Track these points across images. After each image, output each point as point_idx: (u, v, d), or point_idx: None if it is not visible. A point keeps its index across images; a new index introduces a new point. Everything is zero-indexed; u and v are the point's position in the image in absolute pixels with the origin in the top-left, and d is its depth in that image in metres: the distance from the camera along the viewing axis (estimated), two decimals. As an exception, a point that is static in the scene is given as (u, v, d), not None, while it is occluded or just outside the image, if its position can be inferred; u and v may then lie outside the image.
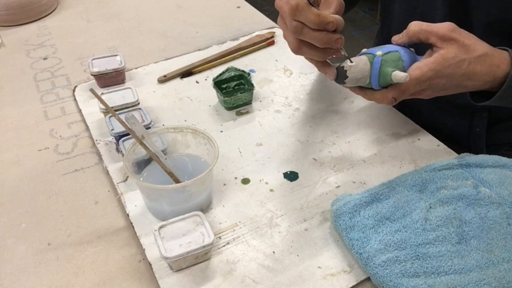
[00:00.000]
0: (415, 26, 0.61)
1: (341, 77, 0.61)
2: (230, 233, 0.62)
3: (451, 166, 0.66)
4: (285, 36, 0.63)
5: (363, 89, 0.64)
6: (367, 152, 0.74)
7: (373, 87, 0.62)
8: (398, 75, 0.59)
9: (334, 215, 0.61)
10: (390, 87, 0.61)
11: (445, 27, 0.59)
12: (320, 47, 0.59)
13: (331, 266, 0.58)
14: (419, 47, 0.63)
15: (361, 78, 0.61)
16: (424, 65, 0.59)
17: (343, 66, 0.61)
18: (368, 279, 0.57)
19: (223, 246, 0.61)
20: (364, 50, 0.63)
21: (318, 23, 0.56)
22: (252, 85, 0.82)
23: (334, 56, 0.62)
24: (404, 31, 0.62)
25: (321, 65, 0.63)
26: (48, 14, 1.14)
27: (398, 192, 0.63)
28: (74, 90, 0.88)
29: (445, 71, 0.59)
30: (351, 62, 0.60)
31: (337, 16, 0.57)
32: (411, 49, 0.63)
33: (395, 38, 0.63)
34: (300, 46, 0.61)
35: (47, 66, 0.96)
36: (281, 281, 0.57)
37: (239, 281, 0.57)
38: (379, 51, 0.61)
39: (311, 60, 0.65)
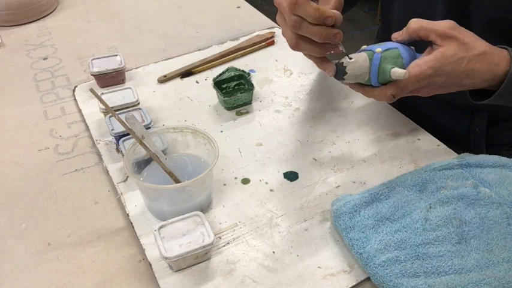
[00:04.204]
0: (415, 24, 0.61)
1: (340, 73, 0.61)
2: (230, 233, 0.62)
3: (451, 166, 0.66)
4: (283, 33, 0.63)
5: (362, 86, 0.63)
6: (367, 152, 0.74)
7: (372, 84, 0.62)
8: (397, 72, 0.59)
9: (334, 215, 0.61)
10: (389, 84, 0.61)
11: (445, 25, 0.59)
12: (319, 42, 0.59)
13: (331, 266, 0.58)
14: (420, 45, 0.63)
15: (360, 74, 0.61)
16: (423, 62, 0.59)
17: (342, 63, 0.61)
18: (368, 279, 0.57)
19: (223, 246, 0.61)
20: (363, 47, 0.63)
21: (317, 17, 0.56)
22: (252, 85, 0.82)
23: (332, 52, 0.62)
24: (405, 28, 0.62)
25: (320, 61, 0.63)
26: (48, 14, 1.14)
27: (398, 192, 0.63)
28: (74, 90, 0.88)
29: (444, 68, 0.59)
30: (350, 58, 0.60)
31: (335, 11, 0.57)
32: (411, 47, 0.64)
33: (396, 35, 0.63)
34: (298, 42, 0.61)
35: (47, 66, 0.96)
36: (281, 281, 0.57)
37: (239, 281, 0.57)
38: (378, 48, 0.61)
39: (310, 56, 0.65)
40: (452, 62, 0.59)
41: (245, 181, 0.69)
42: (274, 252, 0.60)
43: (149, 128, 0.73)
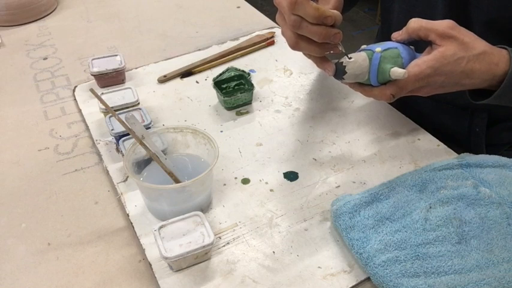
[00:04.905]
0: (415, 23, 0.61)
1: (340, 72, 0.61)
2: (230, 233, 0.62)
3: (451, 166, 0.66)
4: (283, 33, 0.63)
5: (361, 85, 0.64)
6: (367, 151, 0.74)
7: (372, 83, 0.62)
8: (396, 71, 0.59)
9: (334, 215, 0.61)
10: (389, 84, 0.61)
11: (445, 24, 0.59)
12: (318, 42, 0.59)
13: (331, 266, 0.58)
14: (419, 45, 0.63)
15: (360, 74, 0.61)
16: (422, 62, 0.59)
17: (342, 62, 0.61)
18: (368, 279, 0.57)
19: (223, 246, 0.61)
20: (363, 47, 0.63)
21: (316, 16, 0.56)
22: (252, 85, 0.82)
23: (332, 52, 0.62)
24: (404, 28, 0.62)
25: (320, 60, 0.63)
26: (48, 14, 1.14)
27: (398, 192, 0.63)
28: (74, 90, 0.88)
29: (443, 68, 0.59)
30: (349, 57, 0.60)
31: (335, 11, 0.58)
32: (411, 47, 0.64)
33: (395, 35, 0.63)
34: (298, 41, 0.61)
35: (47, 66, 0.96)
36: (281, 281, 0.57)
37: (239, 281, 0.57)
38: (378, 47, 0.61)
39: (309, 56, 0.65)
40: (451, 62, 0.59)
41: (245, 181, 0.69)
42: (274, 252, 0.60)
43: (149, 128, 0.73)
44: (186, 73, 0.92)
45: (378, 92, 0.62)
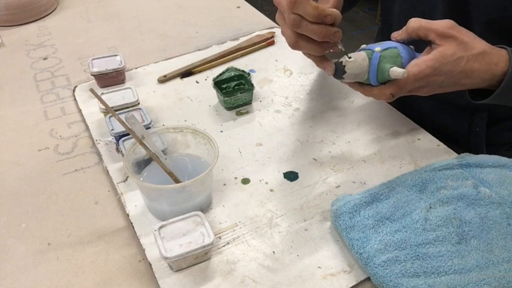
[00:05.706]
0: (415, 23, 0.61)
1: (339, 72, 0.61)
2: (230, 233, 0.62)
3: (451, 166, 0.66)
4: (282, 32, 0.63)
5: (361, 85, 0.64)
6: (367, 151, 0.74)
7: (371, 83, 0.62)
8: (396, 71, 0.59)
9: (334, 215, 0.61)
10: (388, 84, 0.61)
11: (444, 24, 0.59)
12: (318, 41, 0.59)
13: (331, 266, 0.58)
14: (419, 45, 0.63)
15: (360, 73, 0.61)
16: (422, 61, 0.59)
17: (341, 62, 0.61)
18: (368, 279, 0.57)
19: (223, 246, 0.61)
20: (363, 46, 0.63)
21: (316, 15, 0.56)
22: (252, 85, 0.82)
23: (331, 51, 0.62)
24: (404, 27, 0.62)
25: (319, 60, 0.63)
26: (48, 14, 1.14)
27: (398, 192, 0.63)
28: (74, 90, 0.88)
29: (443, 68, 0.59)
30: (349, 57, 0.60)
31: (335, 10, 0.58)
32: (410, 46, 0.64)
33: (395, 35, 0.64)
34: (297, 40, 0.61)
35: (47, 66, 0.96)
36: (281, 281, 0.57)
37: (239, 281, 0.57)
38: (377, 47, 0.61)
39: (309, 55, 0.65)
40: (451, 62, 0.59)
41: (245, 181, 0.69)
42: (274, 252, 0.60)
43: (149, 128, 0.73)
44: (186, 73, 0.92)
45: (378, 92, 0.62)
